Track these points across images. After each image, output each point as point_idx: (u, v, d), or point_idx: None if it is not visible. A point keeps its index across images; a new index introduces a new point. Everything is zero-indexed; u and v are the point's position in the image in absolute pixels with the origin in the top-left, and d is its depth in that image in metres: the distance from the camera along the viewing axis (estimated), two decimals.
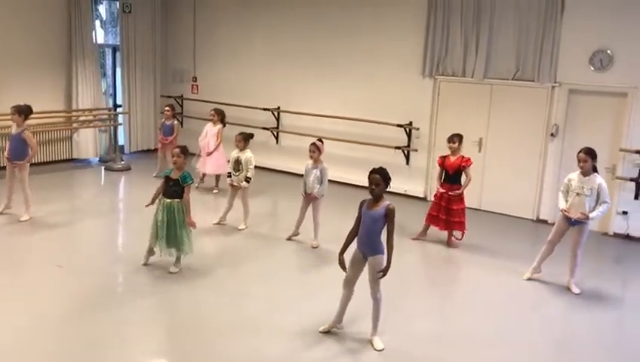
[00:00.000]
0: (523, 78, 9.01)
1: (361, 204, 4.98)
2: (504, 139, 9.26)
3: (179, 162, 6.24)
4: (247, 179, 7.78)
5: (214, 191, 9.78)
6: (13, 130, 7.84)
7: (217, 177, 9.89)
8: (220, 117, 9.80)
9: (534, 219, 9.08)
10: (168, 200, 6.22)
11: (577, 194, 6.26)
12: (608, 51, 8.33)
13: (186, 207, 6.24)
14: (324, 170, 7.29)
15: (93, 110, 11.96)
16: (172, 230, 6.19)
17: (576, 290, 6.39)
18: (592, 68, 8.48)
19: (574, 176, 6.37)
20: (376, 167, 4.94)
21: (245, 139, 7.91)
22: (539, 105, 8.94)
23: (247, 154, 7.83)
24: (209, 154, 9.62)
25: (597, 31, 8.37)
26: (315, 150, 7.23)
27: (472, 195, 9.35)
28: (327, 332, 5.18)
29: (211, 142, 9.65)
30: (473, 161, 7.75)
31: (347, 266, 5.01)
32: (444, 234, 7.82)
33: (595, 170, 6.29)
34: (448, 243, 7.74)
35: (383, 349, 4.95)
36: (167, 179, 6.27)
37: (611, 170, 8.51)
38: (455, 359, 4.99)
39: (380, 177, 4.82)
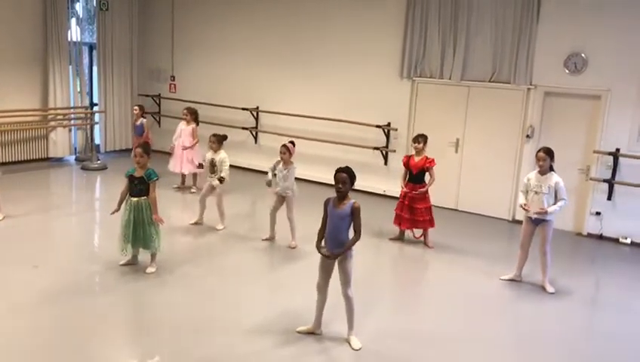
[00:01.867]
0: (499, 80, 9.12)
1: (326, 202, 4.99)
2: (481, 140, 9.37)
3: (141, 162, 6.16)
4: (221, 179, 7.76)
5: (192, 190, 9.73)
6: None
7: (195, 176, 9.83)
8: (194, 116, 9.74)
9: (510, 219, 9.19)
10: (135, 199, 6.16)
11: (535, 192, 6.40)
12: (582, 55, 8.47)
13: (152, 204, 6.18)
14: (293, 170, 7.32)
15: (69, 109, 11.82)
16: (140, 229, 6.16)
17: (550, 289, 6.49)
18: (567, 71, 8.61)
19: (532, 175, 6.52)
20: (342, 166, 4.97)
21: (219, 140, 7.87)
22: (515, 107, 9.06)
23: (221, 155, 7.81)
24: (185, 148, 9.54)
25: (571, 34, 8.51)
26: (286, 151, 7.24)
27: (448, 195, 9.46)
28: (304, 333, 5.19)
29: (186, 141, 9.59)
30: (450, 161, 7.83)
31: (318, 269, 5.03)
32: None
33: (552, 169, 6.42)
34: (425, 243, 7.80)
35: (360, 348, 4.97)
36: (132, 177, 6.20)
37: (585, 171, 8.65)
38: (429, 357, 5.02)
39: (346, 176, 4.85)
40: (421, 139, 7.62)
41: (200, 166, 8.20)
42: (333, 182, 4.94)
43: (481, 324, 5.69)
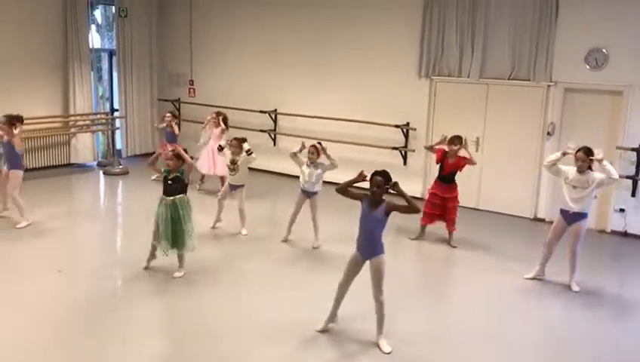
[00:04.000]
0: (519, 78, 9.05)
1: (363, 198, 4.97)
2: (501, 138, 9.30)
3: (171, 165, 6.22)
4: (249, 152, 7.69)
5: (218, 195, 9.75)
6: None
7: (222, 179, 9.89)
8: (222, 117, 9.82)
9: (532, 217, 9.11)
10: (170, 198, 6.20)
11: (574, 186, 6.31)
12: (603, 50, 8.36)
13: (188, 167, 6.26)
14: (323, 169, 7.34)
15: (90, 115, 11.97)
16: (177, 226, 6.17)
17: (575, 288, 6.42)
18: (588, 66, 8.51)
19: (572, 170, 6.37)
20: (379, 169, 4.97)
21: (239, 144, 7.82)
22: (535, 104, 8.98)
23: (243, 154, 7.77)
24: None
25: (592, 29, 8.41)
26: (315, 151, 7.27)
27: (469, 194, 9.40)
28: (324, 332, 5.20)
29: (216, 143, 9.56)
30: None
31: (346, 269, 5.04)
32: (444, 233, 7.85)
33: (590, 168, 6.33)
34: (449, 243, 7.76)
35: (390, 352, 4.93)
36: (165, 178, 6.25)
37: None
38: (455, 358, 5.01)
39: (382, 179, 4.85)
40: (458, 141, 7.55)
41: (220, 148, 8.18)
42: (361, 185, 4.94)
43: (507, 324, 5.65)
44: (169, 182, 6.22)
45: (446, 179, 7.62)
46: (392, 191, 4.86)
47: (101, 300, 5.79)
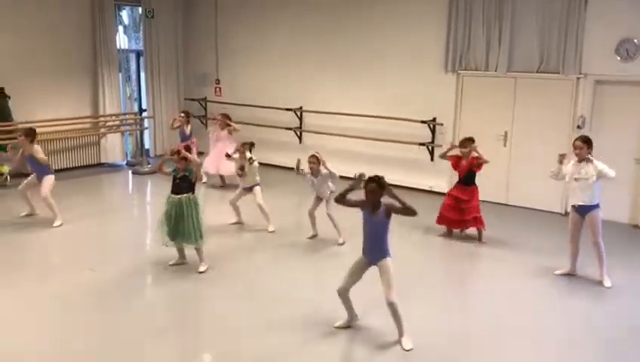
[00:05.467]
0: (547, 70, 8.90)
1: (363, 205, 4.97)
2: (530, 132, 9.16)
3: (178, 168, 6.34)
4: (250, 160, 7.78)
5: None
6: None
7: (222, 178, 10.04)
8: (226, 119, 10.08)
9: (563, 212, 8.95)
10: (177, 197, 6.33)
11: (575, 179, 6.26)
12: (635, 40, 8.17)
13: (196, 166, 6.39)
14: (324, 177, 7.37)
15: (119, 115, 12.13)
16: (181, 223, 6.29)
17: (607, 283, 6.30)
18: (619, 58, 8.33)
19: (571, 163, 6.38)
20: (373, 175, 4.93)
21: (248, 149, 7.92)
22: (564, 97, 8.82)
23: (248, 157, 7.84)
24: (228, 157, 9.64)
25: (622, 19, 8.22)
26: (315, 161, 7.33)
27: (498, 190, 9.30)
28: (346, 328, 5.21)
29: (227, 146, 9.60)
30: (499, 155, 7.76)
31: (348, 272, 5.05)
32: (473, 231, 7.77)
33: (589, 158, 6.25)
34: (479, 240, 7.69)
35: (411, 349, 4.91)
36: (174, 177, 6.39)
37: None
38: (481, 356, 4.96)
39: (375, 186, 4.83)
40: (467, 143, 7.52)
41: (227, 155, 8.31)
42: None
43: (535, 321, 5.56)
44: (177, 181, 6.36)
45: (465, 181, 7.58)
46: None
47: (128, 295, 5.91)
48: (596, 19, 8.42)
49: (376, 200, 4.87)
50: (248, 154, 7.87)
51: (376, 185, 4.82)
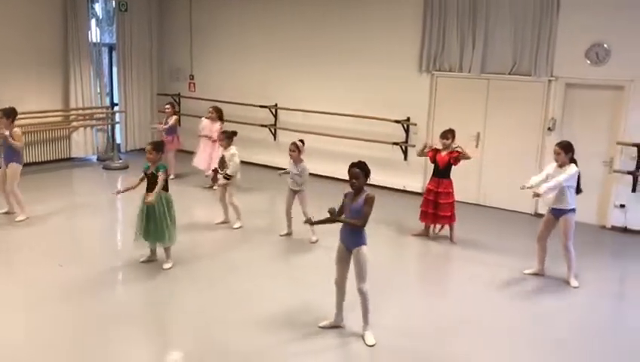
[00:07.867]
0: (520, 73, 9.02)
1: (345, 195, 5.03)
2: (502, 133, 9.27)
3: (151, 158, 6.30)
4: (227, 176, 7.76)
5: (214, 188, 9.77)
6: None
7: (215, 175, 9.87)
8: (219, 114, 9.79)
9: (532, 213, 9.09)
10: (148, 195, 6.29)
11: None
12: (605, 45, 8.33)
13: (158, 187, 6.23)
14: (305, 168, 7.37)
15: (90, 109, 11.95)
16: (152, 222, 6.28)
17: (574, 283, 6.41)
18: (589, 61, 8.48)
19: (552, 166, 6.47)
20: (356, 161, 4.98)
21: (228, 137, 7.89)
22: (536, 100, 8.95)
23: (230, 151, 7.81)
24: (214, 141, 9.51)
25: (593, 24, 8.37)
26: (295, 149, 7.30)
27: (470, 190, 9.38)
28: (327, 328, 5.20)
29: (215, 135, 9.56)
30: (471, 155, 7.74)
31: (335, 263, 5.06)
32: (446, 231, 7.83)
33: (572, 161, 6.33)
34: (450, 239, 7.75)
35: (374, 344, 4.94)
36: (146, 174, 6.36)
37: (609, 163, 8.53)
38: (443, 351, 5.00)
39: (359, 171, 4.88)
40: (450, 135, 7.56)
41: (215, 171, 8.29)
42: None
43: (503, 319, 5.64)
44: (149, 179, 6.33)
45: (441, 173, 7.58)
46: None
47: (96, 291, 5.83)
48: (567, 23, 8.56)
49: (360, 185, 4.88)
50: (233, 149, 7.78)
51: (360, 170, 4.86)
